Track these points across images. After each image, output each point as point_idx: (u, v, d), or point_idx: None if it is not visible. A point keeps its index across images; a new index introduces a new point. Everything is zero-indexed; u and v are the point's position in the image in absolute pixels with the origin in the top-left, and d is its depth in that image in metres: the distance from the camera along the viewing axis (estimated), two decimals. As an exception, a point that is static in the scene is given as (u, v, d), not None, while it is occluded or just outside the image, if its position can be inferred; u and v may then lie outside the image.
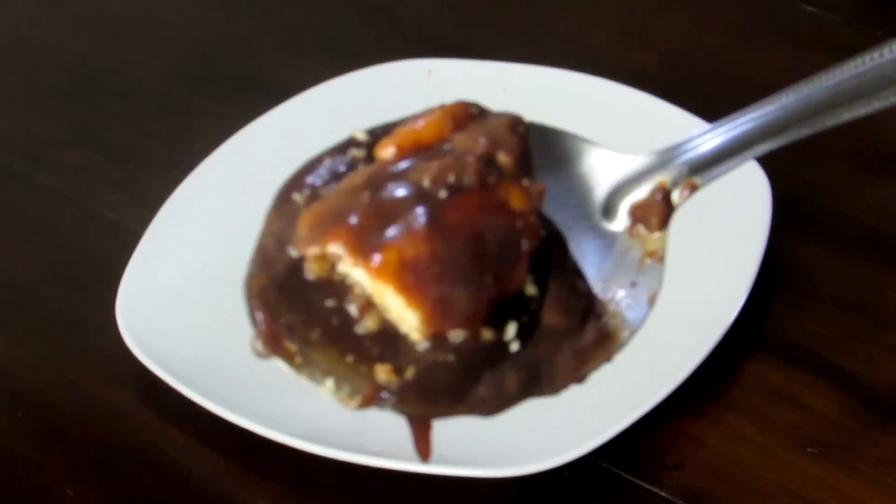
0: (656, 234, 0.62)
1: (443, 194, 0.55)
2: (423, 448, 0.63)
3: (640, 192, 0.65)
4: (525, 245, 0.50)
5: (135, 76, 0.93)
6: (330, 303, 0.59)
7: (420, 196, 0.55)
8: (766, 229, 0.72)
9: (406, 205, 0.55)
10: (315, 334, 0.59)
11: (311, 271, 0.58)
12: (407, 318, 0.55)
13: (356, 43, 0.93)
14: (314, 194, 0.63)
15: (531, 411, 0.68)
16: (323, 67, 0.87)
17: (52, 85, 0.93)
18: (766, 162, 0.74)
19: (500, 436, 0.67)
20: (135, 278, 0.74)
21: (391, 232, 0.53)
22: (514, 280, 0.48)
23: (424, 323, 0.52)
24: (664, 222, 0.62)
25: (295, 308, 0.59)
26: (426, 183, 0.55)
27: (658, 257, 0.63)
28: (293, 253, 0.59)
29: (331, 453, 0.65)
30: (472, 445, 0.67)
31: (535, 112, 0.81)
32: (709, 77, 0.87)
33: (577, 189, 0.66)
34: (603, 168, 0.67)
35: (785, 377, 0.69)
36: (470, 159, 0.54)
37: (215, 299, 0.75)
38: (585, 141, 0.68)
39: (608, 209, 0.66)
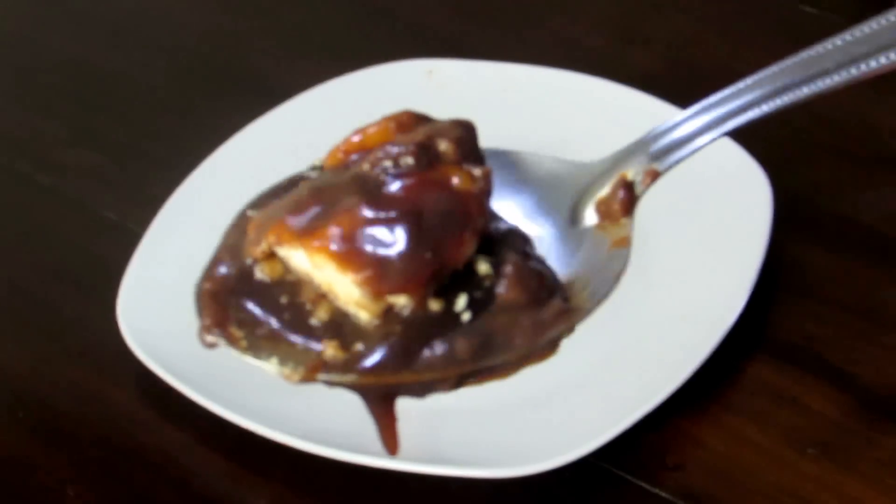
0: (622, 222, 0.62)
1: (381, 177, 0.55)
2: (390, 440, 0.62)
3: (604, 191, 0.65)
4: (469, 219, 0.49)
5: (135, 76, 0.93)
6: (283, 300, 0.59)
7: (358, 181, 0.55)
8: (766, 230, 0.72)
9: (344, 191, 0.55)
10: (265, 329, 0.59)
11: (264, 274, 0.58)
12: (350, 292, 0.54)
13: (357, 43, 0.93)
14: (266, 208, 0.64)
15: (531, 411, 0.68)
16: (323, 68, 0.87)
17: (53, 85, 0.94)
18: (766, 163, 0.74)
19: (501, 436, 0.67)
20: (136, 278, 0.74)
21: (329, 214, 0.53)
22: (457, 251, 0.48)
23: (364, 287, 0.51)
24: (627, 210, 0.62)
25: (246, 307, 0.59)
26: (365, 168, 0.56)
27: (625, 243, 0.63)
28: (247, 261, 0.60)
29: (331, 453, 0.65)
30: (473, 446, 0.67)
31: (536, 113, 0.81)
32: (709, 77, 0.87)
33: (542, 202, 0.67)
34: (566, 178, 0.67)
35: (785, 378, 0.69)
36: (409, 146, 0.54)
37: (216, 299, 0.75)
38: (545, 156, 0.68)
39: (576, 215, 0.66)
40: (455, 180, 0.53)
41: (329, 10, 0.97)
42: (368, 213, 0.51)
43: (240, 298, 0.58)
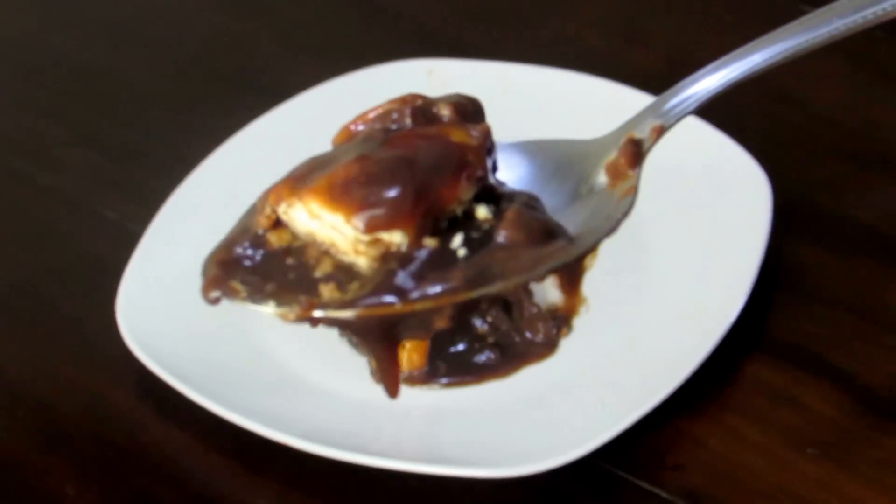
0: (629, 174, 0.62)
1: (379, 135, 0.55)
2: (391, 384, 0.60)
3: (612, 154, 0.65)
4: (465, 165, 0.50)
5: (135, 76, 0.93)
6: (289, 261, 0.59)
7: (357, 142, 0.56)
8: (766, 230, 0.72)
9: (344, 152, 0.55)
10: (271, 286, 0.59)
11: (272, 242, 0.58)
12: (347, 236, 0.54)
13: (356, 43, 0.93)
14: None
15: (531, 411, 0.68)
16: (323, 67, 0.87)
17: (52, 85, 0.93)
18: (766, 162, 0.74)
19: (500, 436, 0.67)
20: (135, 278, 0.74)
21: (327, 169, 0.54)
22: (451, 193, 0.49)
23: (357, 224, 0.51)
24: (633, 163, 0.61)
25: (252, 269, 0.59)
26: (366, 133, 0.56)
27: (632, 192, 0.62)
28: (258, 232, 0.60)
29: (331, 453, 0.65)
30: (473, 446, 0.67)
31: (536, 112, 0.81)
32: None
33: (554, 176, 0.66)
34: (577, 152, 0.67)
35: (785, 378, 0.69)
36: (407, 109, 0.54)
37: (215, 299, 0.75)
38: (558, 140, 0.68)
39: (588, 183, 0.65)
40: (452, 135, 0.53)
41: (329, 9, 0.97)
42: (361, 159, 0.51)
43: (246, 262, 0.58)
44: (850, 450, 0.66)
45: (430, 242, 0.54)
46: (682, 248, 0.74)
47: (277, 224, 0.58)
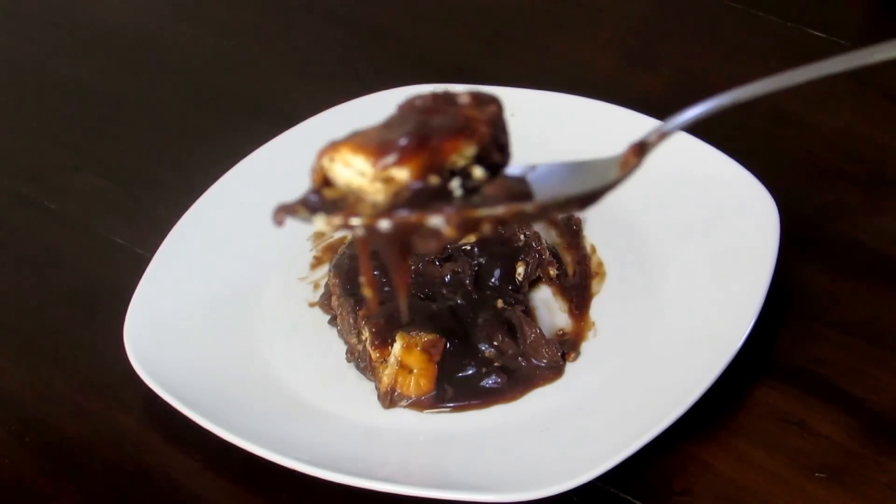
0: (634, 160, 0.62)
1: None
2: (402, 290, 0.63)
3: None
4: (466, 128, 0.59)
5: (142, 102, 0.93)
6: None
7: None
8: (774, 254, 0.72)
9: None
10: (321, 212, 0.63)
11: (326, 196, 0.62)
12: (367, 172, 0.59)
13: (364, 68, 0.94)
14: None
15: (538, 436, 0.68)
16: (330, 93, 0.87)
17: (60, 110, 0.94)
18: (774, 187, 0.74)
19: (507, 461, 0.67)
20: (143, 303, 0.75)
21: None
22: (450, 145, 0.58)
23: (372, 162, 0.59)
24: (640, 154, 0.62)
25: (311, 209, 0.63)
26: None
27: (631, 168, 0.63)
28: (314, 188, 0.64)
29: (338, 478, 0.65)
30: (480, 471, 0.66)
31: (543, 136, 0.81)
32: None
33: (576, 172, 0.67)
34: (594, 161, 0.67)
35: (793, 402, 0.69)
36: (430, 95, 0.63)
37: (223, 324, 0.75)
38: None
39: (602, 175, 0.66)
40: (465, 111, 0.61)
41: (336, 35, 0.97)
42: (386, 124, 0.60)
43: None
44: (858, 474, 0.66)
45: (433, 179, 0.59)
46: (690, 272, 0.74)
47: (327, 183, 0.62)
